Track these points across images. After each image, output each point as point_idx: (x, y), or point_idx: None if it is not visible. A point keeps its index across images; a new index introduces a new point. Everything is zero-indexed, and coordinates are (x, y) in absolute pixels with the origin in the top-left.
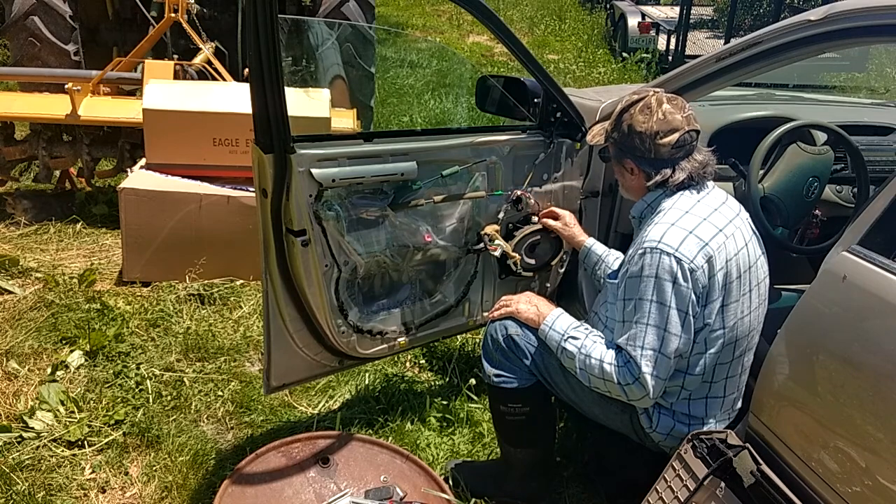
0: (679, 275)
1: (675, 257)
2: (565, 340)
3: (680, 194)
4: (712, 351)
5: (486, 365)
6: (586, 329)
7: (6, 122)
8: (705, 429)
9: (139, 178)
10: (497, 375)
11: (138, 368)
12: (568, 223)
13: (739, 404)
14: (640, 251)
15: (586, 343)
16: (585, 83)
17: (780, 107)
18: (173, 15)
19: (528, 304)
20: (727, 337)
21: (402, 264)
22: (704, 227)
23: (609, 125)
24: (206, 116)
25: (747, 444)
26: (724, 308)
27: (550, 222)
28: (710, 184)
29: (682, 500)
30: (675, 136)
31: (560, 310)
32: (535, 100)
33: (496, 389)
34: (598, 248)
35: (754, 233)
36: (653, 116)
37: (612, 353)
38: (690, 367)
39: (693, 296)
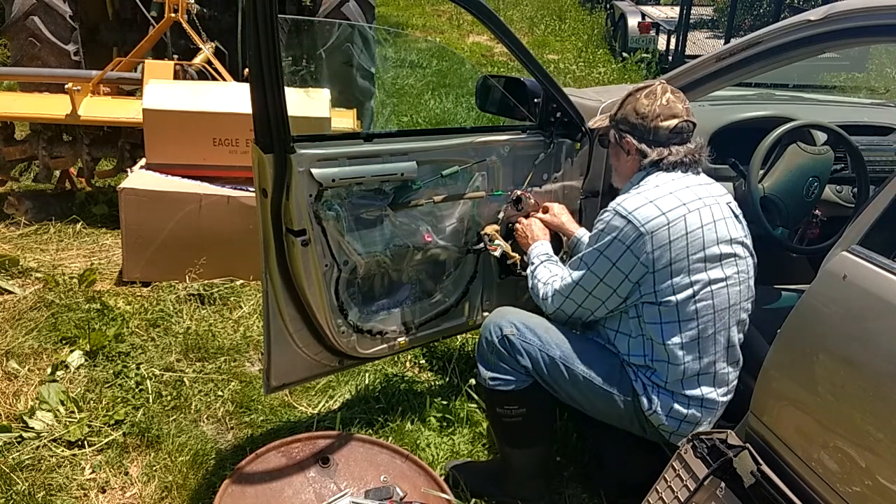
0: (622, 233)
1: (626, 218)
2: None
3: (659, 174)
4: (688, 322)
5: (481, 368)
6: (549, 261)
7: (6, 122)
8: (705, 399)
9: (139, 178)
10: (493, 378)
11: (138, 368)
12: (556, 213)
13: (735, 378)
14: (604, 210)
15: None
16: (585, 83)
17: (780, 107)
18: (173, 15)
19: (524, 230)
20: (700, 309)
21: (401, 264)
22: (666, 199)
23: (613, 110)
24: (206, 116)
25: (747, 445)
26: (691, 280)
27: (540, 215)
28: (700, 171)
29: (682, 500)
30: (675, 121)
31: (539, 241)
32: (535, 100)
33: (492, 392)
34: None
35: (735, 216)
36: (656, 101)
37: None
38: (666, 336)
39: (631, 254)
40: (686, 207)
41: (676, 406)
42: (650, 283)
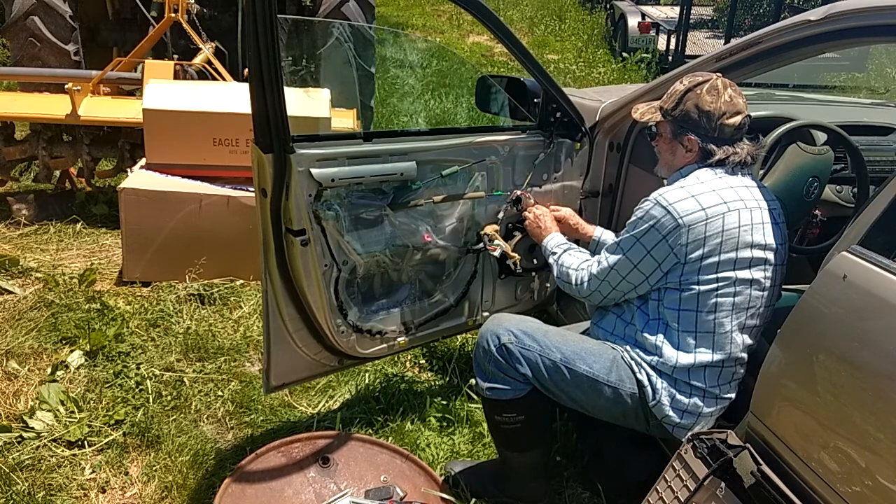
0: (660, 223)
1: (666, 209)
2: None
3: (705, 170)
4: (706, 314)
5: (478, 378)
6: (572, 249)
7: (6, 122)
8: (707, 391)
9: (139, 178)
10: (490, 389)
11: (138, 368)
12: (572, 225)
13: (740, 378)
14: (644, 199)
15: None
16: (585, 83)
17: (780, 107)
18: (173, 15)
19: (536, 221)
20: (720, 304)
21: (401, 264)
22: (708, 196)
23: (666, 104)
24: (206, 116)
25: (747, 445)
26: (717, 276)
27: (553, 212)
28: (750, 173)
29: (683, 500)
30: (739, 118)
31: (553, 234)
32: (535, 100)
33: (490, 402)
34: (607, 235)
35: (776, 223)
36: (720, 98)
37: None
38: (682, 324)
39: (666, 244)
40: (727, 206)
41: (679, 396)
42: (677, 273)
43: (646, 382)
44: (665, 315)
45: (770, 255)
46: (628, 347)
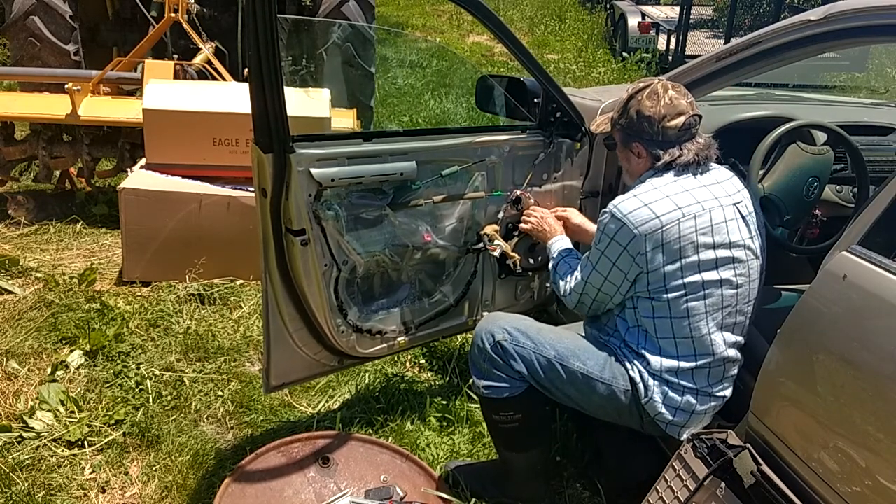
0: (618, 235)
1: (622, 221)
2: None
3: (663, 174)
4: (680, 320)
5: (474, 377)
6: (569, 256)
7: (6, 122)
8: (700, 390)
9: (139, 178)
10: (487, 387)
11: (138, 368)
12: (574, 220)
13: (733, 375)
14: (603, 211)
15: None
16: (585, 83)
17: (780, 107)
18: (173, 15)
19: (540, 223)
20: (691, 308)
21: (401, 264)
22: (662, 203)
23: (615, 113)
24: (206, 116)
25: (747, 445)
26: (684, 282)
27: (558, 213)
28: (713, 166)
29: (683, 500)
30: (682, 119)
31: (558, 237)
32: (535, 100)
33: (487, 400)
34: None
35: (742, 217)
36: (660, 101)
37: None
38: (659, 331)
39: (627, 255)
40: (681, 212)
41: (671, 394)
42: (644, 282)
43: (638, 380)
44: (643, 323)
45: (738, 253)
46: (620, 346)
